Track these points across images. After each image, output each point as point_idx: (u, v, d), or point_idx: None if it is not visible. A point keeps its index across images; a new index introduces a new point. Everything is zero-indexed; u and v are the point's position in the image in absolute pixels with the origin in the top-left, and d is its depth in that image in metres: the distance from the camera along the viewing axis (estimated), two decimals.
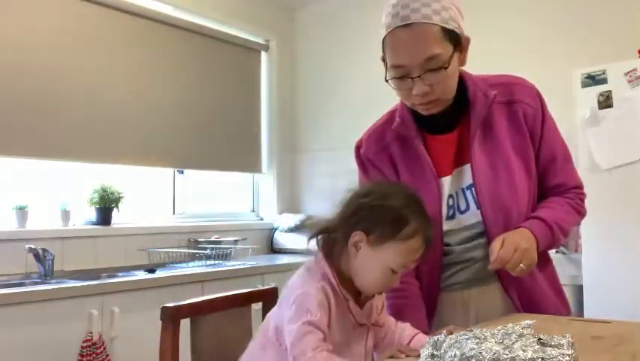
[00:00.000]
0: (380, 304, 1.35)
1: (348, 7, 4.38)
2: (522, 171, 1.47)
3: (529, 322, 1.02)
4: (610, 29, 3.33)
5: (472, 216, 1.47)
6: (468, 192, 1.47)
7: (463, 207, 1.48)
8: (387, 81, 1.44)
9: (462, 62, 1.48)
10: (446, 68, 1.37)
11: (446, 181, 1.49)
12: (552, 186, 1.53)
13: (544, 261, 1.51)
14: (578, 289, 2.91)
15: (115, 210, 3.40)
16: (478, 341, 0.96)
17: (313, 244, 1.27)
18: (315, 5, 4.54)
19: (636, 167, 2.74)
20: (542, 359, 0.89)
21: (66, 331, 2.49)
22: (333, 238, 1.26)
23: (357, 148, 1.62)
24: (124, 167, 3.57)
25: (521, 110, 1.49)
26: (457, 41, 1.41)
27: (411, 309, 1.48)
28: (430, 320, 1.50)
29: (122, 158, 3.51)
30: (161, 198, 3.91)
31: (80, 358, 2.50)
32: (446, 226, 1.49)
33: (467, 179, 1.47)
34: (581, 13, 3.45)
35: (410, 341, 1.32)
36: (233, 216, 4.17)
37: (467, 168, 1.47)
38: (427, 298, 1.50)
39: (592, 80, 2.88)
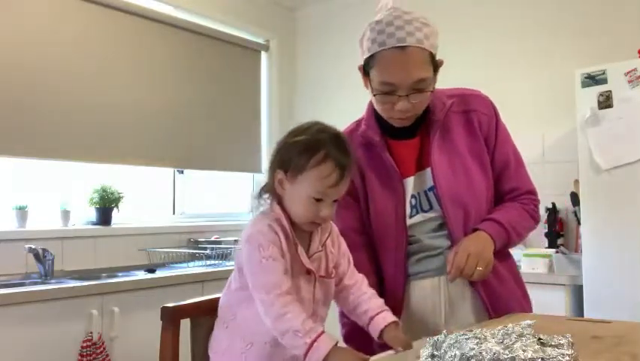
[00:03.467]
0: (345, 263, 1.46)
1: (349, 7, 4.38)
2: (479, 173, 1.59)
3: (529, 322, 1.02)
4: (610, 29, 3.33)
5: (435, 213, 1.59)
6: (430, 194, 1.58)
7: (426, 207, 1.59)
8: (374, 95, 1.54)
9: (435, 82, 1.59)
10: (430, 92, 1.51)
11: (409, 182, 1.60)
12: (506, 191, 1.64)
13: (503, 255, 1.62)
14: (578, 289, 2.91)
15: (115, 210, 3.40)
16: (478, 341, 0.96)
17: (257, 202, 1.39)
18: (315, 5, 4.54)
19: (636, 167, 2.74)
20: (542, 359, 0.89)
21: (66, 331, 2.49)
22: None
23: None
24: (124, 167, 3.57)
25: (476, 119, 1.61)
26: (436, 65, 1.54)
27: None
28: (400, 308, 1.57)
29: (122, 158, 3.51)
30: (161, 198, 3.91)
31: (79, 358, 2.51)
32: (411, 221, 1.59)
33: (429, 182, 1.58)
34: (581, 14, 3.45)
35: (373, 318, 1.38)
36: (233, 216, 4.17)
37: (428, 171, 1.58)
38: (393, 287, 1.59)
39: (592, 80, 2.88)
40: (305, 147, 1.31)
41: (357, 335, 1.50)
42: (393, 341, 1.33)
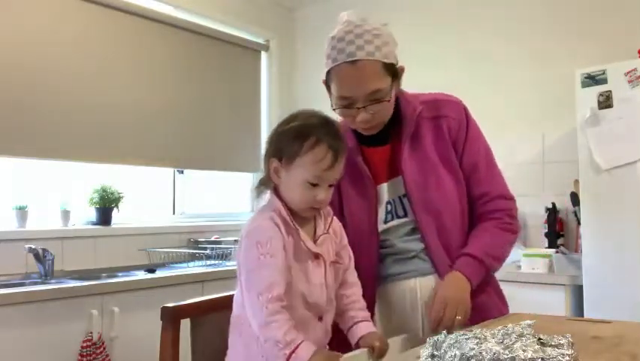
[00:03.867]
0: (347, 257, 1.48)
1: (348, 7, 4.37)
2: (450, 178, 1.60)
3: (529, 322, 1.02)
4: (610, 29, 3.33)
5: (408, 218, 1.61)
6: (405, 200, 1.60)
7: (400, 213, 1.62)
8: (333, 110, 1.57)
9: (397, 89, 1.59)
10: (388, 101, 1.52)
11: (384, 188, 1.63)
12: (477, 196, 1.63)
13: None
14: (578, 289, 2.91)
15: (115, 210, 3.40)
16: (478, 341, 0.96)
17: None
18: (315, 5, 4.54)
19: (636, 167, 2.74)
20: (542, 359, 0.90)
21: (66, 331, 2.49)
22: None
23: None
24: (124, 167, 3.57)
25: (446, 124, 1.62)
26: (394, 73, 1.54)
27: None
28: (371, 310, 1.57)
29: (122, 158, 3.51)
30: (161, 198, 3.91)
31: (79, 358, 2.51)
32: (386, 225, 1.62)
33: (401, 189, 1.60)
34: (581, 14, 3.45)
35: (357, 323, 1.42)
36: (233, 216, 4.17)
37: (400, 179, 1.60)
38: (365, 290, 1.58)
39: (592, 80, 2.88)
40: (296, 134, 1.33)
41: None
42: (369, 344, 1.36)
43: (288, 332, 1.25)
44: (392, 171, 1.62)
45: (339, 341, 1.46)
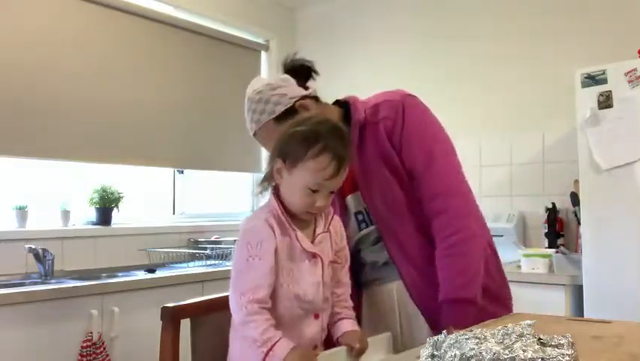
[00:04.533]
0: (343, 258, 1.49)
1: (349, 7, 4.38)
2: (395, 182, 1.57)
3: (529, 322, 1.02)
4: (610, 29, 3.33)
5: (374, 227, 1.64)
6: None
7: (369, 222, 1.64)
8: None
9: (318, 109, 1.60)
10: None
11: (349, 200, 1.66)
12: (420, 199, 1.57)
13: None
14: (578, 289, 2.91)
15: (115, 210, 3.40)
16: (478, 341, 0.96)
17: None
18: (315, 5, 4.54)
19: (636, 167, 2.74)
20: (542, 359, 0.89)
21: (66, 331, 2.49)
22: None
23: None
24: (124, 167, 3.57)
25: (382, 125, 1.58)
26: (293, 111, 1.55)
27: None
28: (358, 314, 1.61)
29: (122, 158, 3.51)
30: (161, 198, 3.91)
31: (79, 358, 2.51)
32: (360, 234, 1.66)
33: (362, 201, 1.63)
34: (580, 14, 3.45)
35: (342, 320, 1.46)
36: (233, 216, 4.17)
37: (359, 193, 1.63)
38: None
39: (592, 80, 2.88)
40: (304, 138, 1.33)
41: None
42: (350, 342, 1.39)
43: (266, 331, 1.28)
44: (354, 184, 1.63)
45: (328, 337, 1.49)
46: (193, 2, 3.90)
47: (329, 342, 1.47)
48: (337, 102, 1.70)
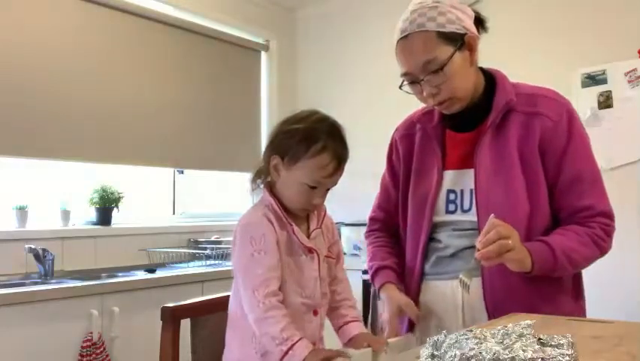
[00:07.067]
0: (335, 253, 1.49)
1: (349, 7, 4.38)
2: (523, 181, 1.48)
3: (529, 322, 1.02)
4: (610, 29, 3.32)
5: (471, 216, 1.52)
6: (474, 195, 1.52)
7: (466, 207, 1.54)
8: (400, 88, 1.56)
9: (471, 61, 1.52)
10: (442, 69, 1.45)
11: (449, 175, 1.56)
12: (578, 210, 1.50)
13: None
14: None
15: (115, 210, 3.40)
16: (478, 341, 0.96)
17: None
18: (315, 5, 4.54)
19: (636, 167, 2.74)
20: (542, 359, 0.89)
21: (66, 331, 2.49)
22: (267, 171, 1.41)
23: (395, 130, 1.78)
24: (124, 167, 3.57)
25: (539, 123, 1.49)
26: (458, 42, 1.47)
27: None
28: (415, 303, 1.58)
29: (122, 158, 3.51)
30: (161, 198, 3.91)
31: (79, 358, 2.51)
32: (443, 218, 1.55)
33: (471, 182, 1.52)
34: (580, 14, 3.45)
35: (348, 323, 1.45)
36: (233, 216, 4.16)
37: (471, 172, 1.52)
38: (409, 284, 1.61)
39: (592, 80, 2.88)
40: (304, 136, 1.33)
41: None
42: (360, 345, 1.37)
43: (285, 328, 1.26)
44: (465, 161, 1.54)
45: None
46: (193, 2, 3.90)
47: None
48: (482, 70, 1.62)
